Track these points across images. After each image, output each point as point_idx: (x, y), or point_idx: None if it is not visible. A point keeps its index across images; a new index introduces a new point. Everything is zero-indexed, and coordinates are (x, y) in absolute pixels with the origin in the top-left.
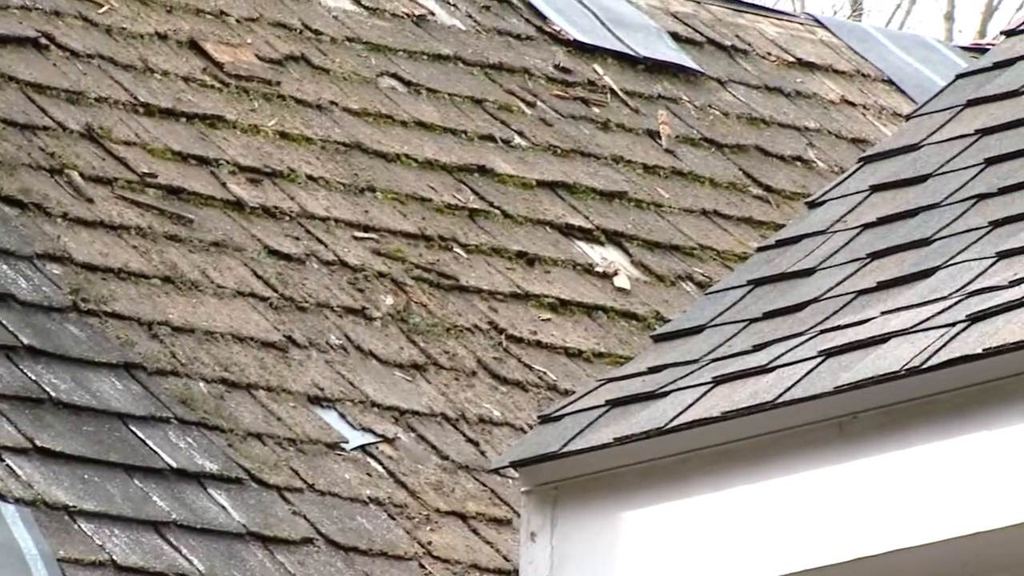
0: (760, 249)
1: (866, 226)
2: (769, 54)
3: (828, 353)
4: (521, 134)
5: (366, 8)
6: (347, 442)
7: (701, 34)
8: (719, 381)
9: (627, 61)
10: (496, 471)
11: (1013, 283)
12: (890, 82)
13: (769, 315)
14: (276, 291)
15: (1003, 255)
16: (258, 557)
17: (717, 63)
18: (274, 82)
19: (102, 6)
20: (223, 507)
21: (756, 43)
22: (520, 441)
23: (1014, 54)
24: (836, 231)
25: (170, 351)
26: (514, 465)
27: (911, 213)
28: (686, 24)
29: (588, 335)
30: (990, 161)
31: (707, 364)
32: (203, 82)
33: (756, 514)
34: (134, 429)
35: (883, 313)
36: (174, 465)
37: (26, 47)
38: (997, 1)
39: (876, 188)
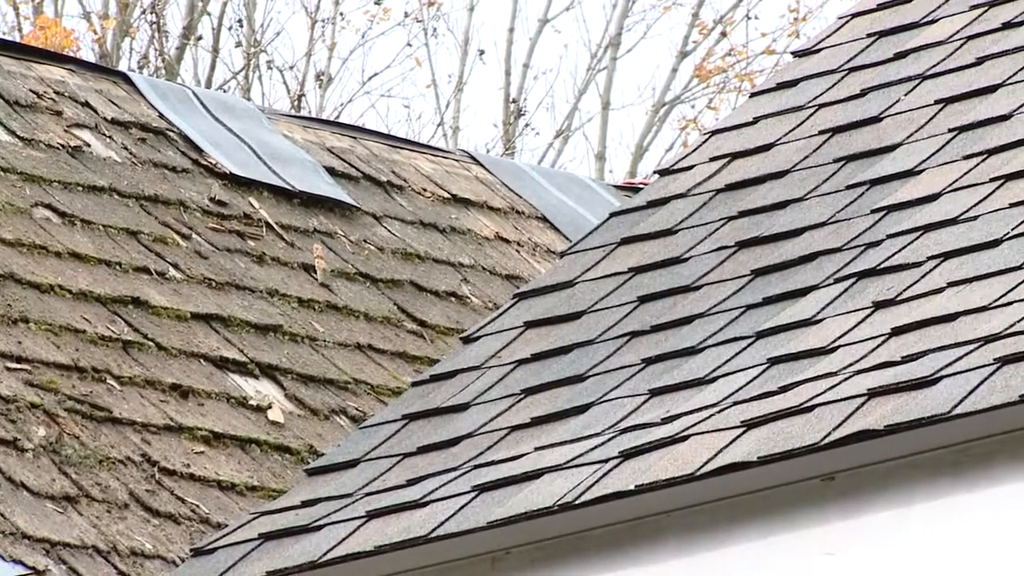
0: (415, 384)
1: (521, 362)
2: (424, 190)
3: (482, 488)
4: (176, 266)
5: (21, 139)
6: None
7: (357, 169)
8: (373, 515)
9: (283, 195)
10: None
11: (665, 420)
12: (544, 219)
13: (423, 450)
14: None
15: (655, 392)
16: None
17: (373, 198)
18: None
19: None
20: None
21: (412, 179)
22: (172, 574)
23: (667, 193)
24: (491, 367)
25: None
26: None
27: (565, 349)
28: (342, 159)
29: (241, 468)
30: (643, 299)
31: (361, 498)
32: None
33: None
34: None
35: (537, 448)
36: None
37: None
38: (647, 142)
39: (531, 324)
